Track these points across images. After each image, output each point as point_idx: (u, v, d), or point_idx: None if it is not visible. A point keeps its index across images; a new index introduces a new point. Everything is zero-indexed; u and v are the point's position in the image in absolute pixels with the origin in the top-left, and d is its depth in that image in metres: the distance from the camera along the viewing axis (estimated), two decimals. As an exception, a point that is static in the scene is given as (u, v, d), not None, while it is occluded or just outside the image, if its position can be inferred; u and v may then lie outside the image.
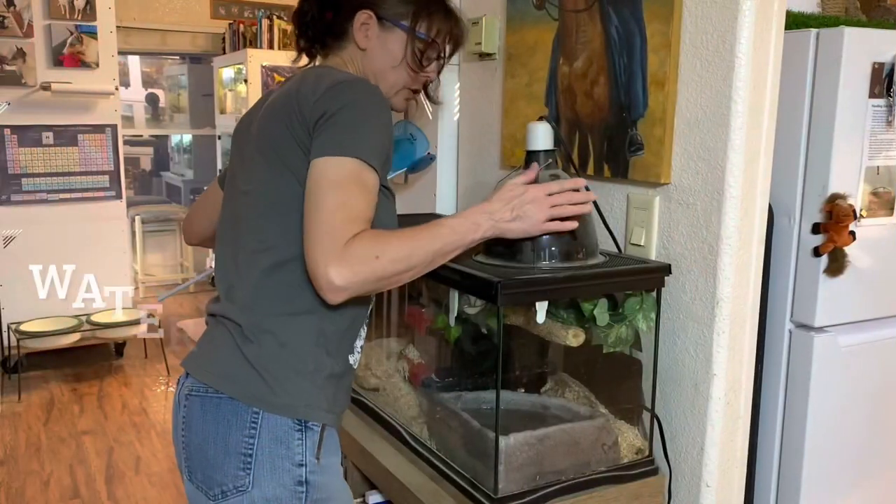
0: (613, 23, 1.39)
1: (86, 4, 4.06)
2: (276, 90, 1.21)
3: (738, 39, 1.20)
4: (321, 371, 1.12)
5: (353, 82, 1.10)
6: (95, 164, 4.24)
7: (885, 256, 1.61)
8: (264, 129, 1.14)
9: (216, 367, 1.12)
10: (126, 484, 2.96)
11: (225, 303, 1.15)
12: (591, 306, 1.27)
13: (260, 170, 1.12)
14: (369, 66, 1.23)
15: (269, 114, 1.15)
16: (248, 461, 1.07)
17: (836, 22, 1.61)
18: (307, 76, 1.14)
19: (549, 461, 1.26)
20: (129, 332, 4.25)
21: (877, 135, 1.53)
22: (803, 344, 1.56)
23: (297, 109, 1.08)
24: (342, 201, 1.00)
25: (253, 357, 1.09)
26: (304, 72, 1.18)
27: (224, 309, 1.14)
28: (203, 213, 1.39)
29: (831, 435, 1.60)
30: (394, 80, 1.24)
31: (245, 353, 1.09)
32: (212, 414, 1.10)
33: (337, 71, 1.17)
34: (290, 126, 1.08)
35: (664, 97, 1.30)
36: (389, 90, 1.24)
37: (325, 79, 1.10)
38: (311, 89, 1.09)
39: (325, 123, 1.05)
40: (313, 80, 1.11)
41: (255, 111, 1.23)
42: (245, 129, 1.22)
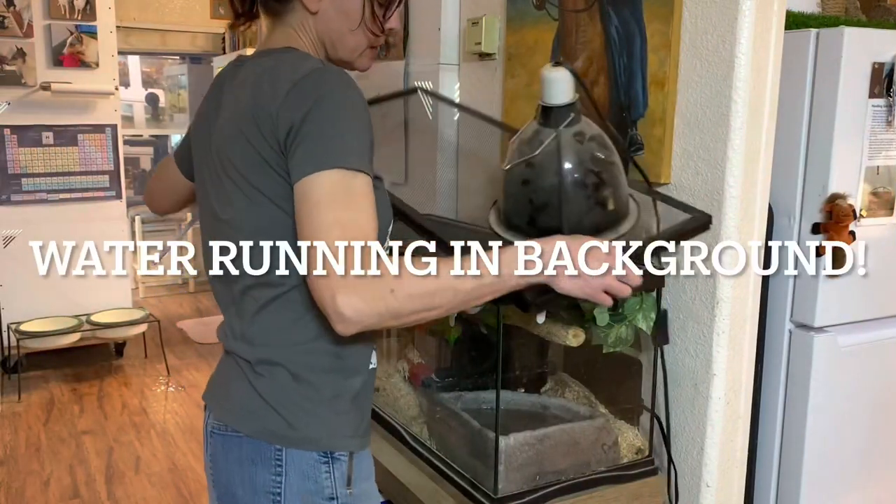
0: (613, 23, 1.39)
1: (86, 4, 4.06)
2: (228, 85, 1.07)
3: (738, 39, 1.20)
4: (342, 396, 1.05)
5: (312, 76, 0.96)
6: (95, 164, 4.24)
7: (885, 256, 1.61)
8: (226, 151, 1.02)
9: (232, 406, 1.06)
10: (126, 484, 2.96)
11: (230, 338, 1.08)
12: (591, 306, 1.27)
13: (235, 198, 1.01)
14: (324, 30, 1.07)
15: (228, 131, 1.02)
16: (278, 500, 1.02)
17: (836, 22, 1.61)
18: (260, 76, 1.00)
19: (549, 461, 1.26)
20: (129, 332, 4.25)
21: (877, 135, 1.53)
22: (803, 344, 1.56)
23: (258, 126, 0.96)
24: (335, 219, 0.89)
25: (267, 393, 1.02)
26: (254, 63, 1.05)
27: (231, 344, 1.08)
28: (163, 194, 1.32)
29: (831, 435, 1.60)
30: (355, 43, 1.09)
31: (258, 390, 1.02)
32: (235, 454, 1.04)
33: (289, 56, 1.02)
34: (257, 147, 0.97)
35: (664, 97, 1.30)
36: (351, 54, 1.10)
37: (281, 79, 0.97)
38: (268, 97, 0.96)
39: (295, 139, 0.93)
40: (268, 82, 0.98)
41: (211, 114, 1.09)
42: (204, 137, 1.10)
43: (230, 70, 1.09)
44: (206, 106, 1.12)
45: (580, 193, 1.11)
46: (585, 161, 1.11)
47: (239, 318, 1.06)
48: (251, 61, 1.06)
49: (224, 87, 1.08)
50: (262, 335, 1.03)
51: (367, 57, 1.12)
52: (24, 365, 3.99)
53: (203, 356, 4.45)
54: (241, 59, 1.09)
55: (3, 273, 3.98)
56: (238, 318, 1.06)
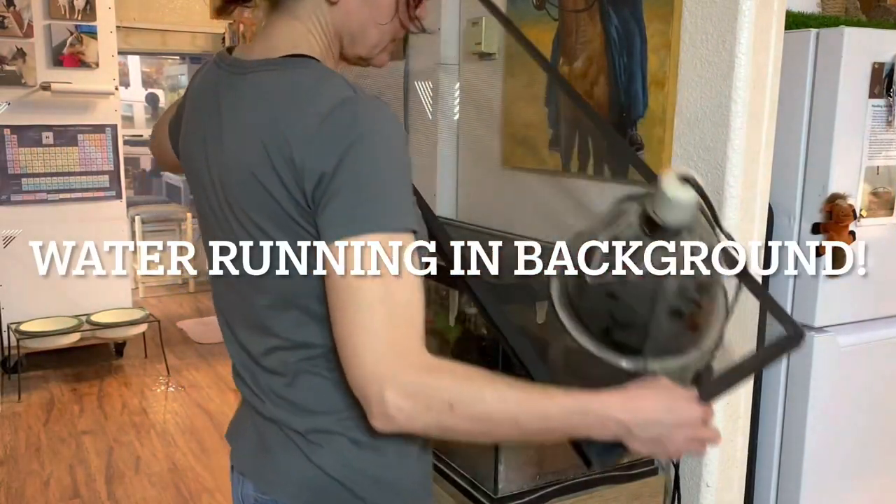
0: (613, 23, 1.39)
1: (86, 4, 4.06)
2: (228, 99, 0.88)
3: (738, 39, 1.20)
4: (408, 455, 0.92)
5: (344, 110, 0.79)
6: (95, 164, 4.24)
7: (885, 256, 1.61)
8: (235, 194, 0.85)
9: (284, 480, 0.91)
10: (126, 484, 2.96)
11: (265, 402, 0.93)
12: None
13: (252, 250, 0.86)
14: (342, 23, 0.90)
15: (236, 171, 0.84)
16: None
17: (836, 22, 1.61)
18: (273, 102, 0.83)
19: (549, 461, 1.26)
20: (129, 331, 4.25)
21: (877, 135, 1.53)
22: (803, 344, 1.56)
23: (278, 173, 0.80)
24: (382, 297, 0.75)
25: (328, 466, 0.88)
26: (258, 77, 0.86)
27: (269, 411, 0.92)
28: (164, 155, 1.18)
29: (831, 435, 1.60)
30: (378, 38, 0.93)
31: (317, 463, 0.89)
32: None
33: (308, 76, 0.84)
34: (278, 198, 0.80)
35: (664, 97, 1.30)
36: (372, 50, 0.94)
37: (304, 111, 0.80)
38: (289, 137, 0.79)
39: (326, 191, 0.77)
40: (285, 113, 0.81)
41: (209, 133, 0.90)
42: (199, 156, 0.92)
43: (226, 79, 0.90)
44: (200, 119, 0.93)
45: (674, 324, 0.95)
46: (689, 290, 0.97)
47: (271, 379, 0.91)
48: (255, 73, 0.87)
49: (222, 100, 0.89)
50: (309, 401, 0.89)
51: (387, 52, 0.98)
52: (24, 365, 3.99)
53: (203, 356, 4.44)
54: (238, 65, 0.89)
55: (3, 273, 3.98)
56: (270, 377, 0.92)
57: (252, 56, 0.89)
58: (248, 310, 0.91)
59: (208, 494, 2.87)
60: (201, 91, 0.95)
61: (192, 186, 0.97)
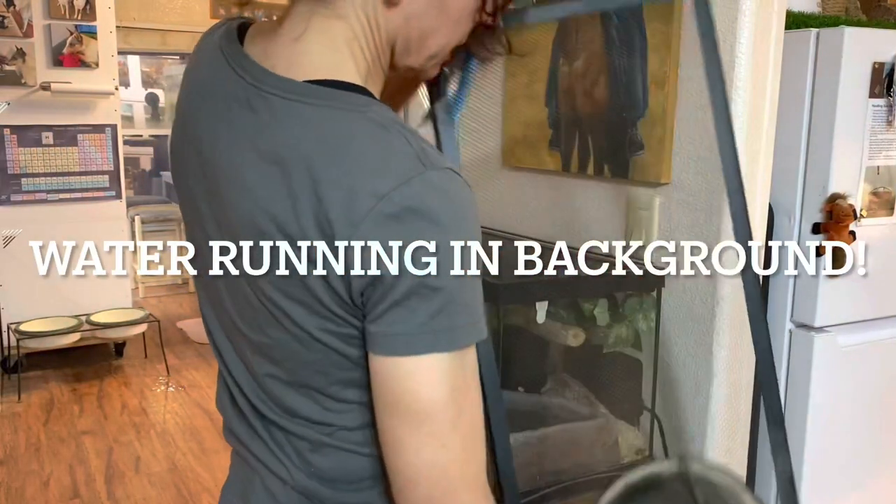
0: (613, 22, 1.39)
1: (85, 4, 4.06)
2: (241, 118, 0.68)
3: (738, 39, 1.20)
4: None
5: (411, 191, 0.62)
6: (95, 164, 4.24)
7: (885, 256, 1.61)
8: (255, 284, 0.69)
9: None
10: (126, 484, 2.96)
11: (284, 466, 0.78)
12: (591, 306, 1.27)
13: (275, 332, 0.70)
14: (400, 30, 0.72)
15: (244, 214, 0.67)
16: None
17: (836, 22, 1.61)
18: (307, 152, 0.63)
19: (549, 461, 1.26)
20: (129, 332, 4.25)
21: (877, 134, 1.53)
22: (803, 344, 1.56)
23: (311, 256, 0.63)
24: (454, 426, 0.65)
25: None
26: (283, 100, 0.66)
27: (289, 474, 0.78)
28: None
29: (831, 435, 1.60)
30: (440, 45, 0.75)
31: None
32: None
33: (357, 124, 0.65)
34: (309, 284, 0.65)
35: (664, 97, 1.30)
36: (429, 60, 0.76)
37: (360, 177, 0.62)
38: (337, 209, 0.62)
39: (389, 295, 0.63)
40: (334, 171, 0.62)
41: (219, 153, 0.70)
42: (197, 176, 0.74)
43: (241, 89, 0.69)
44: (199, 123, 0.74)
45: None
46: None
47: (283, 453, 0.78)
48: (283, 101, 0.66)
49: (234, 119, 0.69)
50: (341, 473, 0.76)
51: (441, 62, 0.80)
52: (23, 365, 3.99)
53: (203, 356, 4.44)
54: (259, 77, 0.68)
55: (3, 273, 3.98)
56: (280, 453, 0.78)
57: (274, 62, 0.69)
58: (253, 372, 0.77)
59: (208, 494, 2.87)
60: (206, 86, 0.75)
61: (179, 189, 0.80)
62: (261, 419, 0.78)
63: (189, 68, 0.79)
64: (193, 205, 0.77)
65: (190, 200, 0.77)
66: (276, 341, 0.71)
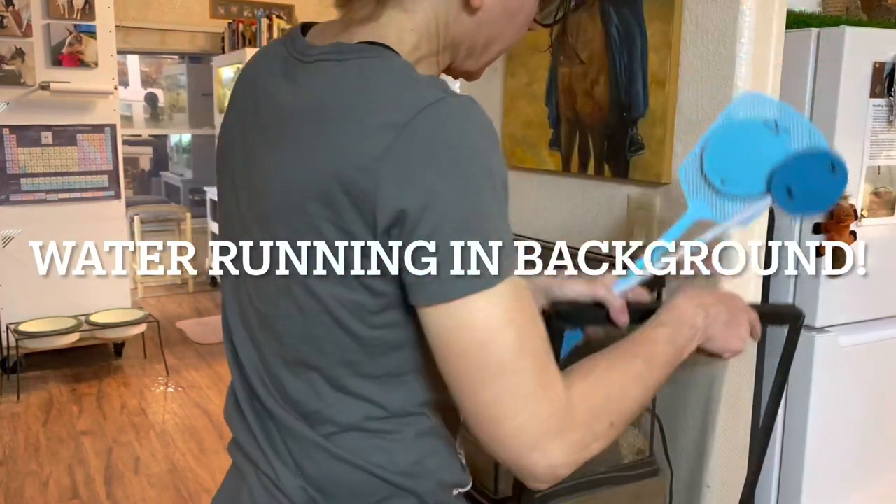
0: (614, 22, 1.39)
1: (85, 4, 4.05)
2: (281, 89, 0.71)
3: (738, 39, 1.20)
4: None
5: (428, 117, 0.61)
6: (94, 164, 4.24)
7: (886, 256, 1.61)
8: (277, 221, 0.69)
9: None
10: (125, 484, 2.96)
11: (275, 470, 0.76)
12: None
13: (283, 302, 0.71)
14: (470, 34, 0.74)
15: (283, 194, 0.67)
16: None
17: (836, 21, 1.61)
18: (334, 103, 0.65)
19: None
20: (129, 332, 4.25)
21: (878, 134, 1.53)
22: (803, 344, 1.56)
23: (335, 207, 0.63)
24: (517, 351, 0.63)
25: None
26: (318, 66, 0.68)
27: (280, 480, 0.75)
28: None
29: (831, 435, 1.60)
30: (500, 48, 0.79)
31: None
32: None
33: (379, 67, 0.66)
34: (331, 243, 0.64)
35: (664, 97, 1.30)
36: (484, 66, 0.81)
37: (378, 112, 0.62)
38: (356, 147, 0.62)
39: (416, 233, 0.61)
40: (354, 112, 0.63)
41: (258, 131, 0.73)
42: (242, 176, 0.75)
43: (289, 67, 0.71)
44: (248, 109, 0.76)
45: None
46: None
47: (275, 454, 0.76)
48: (317, 63, 0.69)
49: (276, 93, 0.71)
50: (330, 486, 0.74)
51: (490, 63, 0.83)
52: (23, 365, 3.99)
53: (202, 356, 4.44)
54: (306, 51, 0.71)
55: (3, 273, 3.98)
56: (273, 454, 0.76)
57: (326, 39, 0.71)
58: (260, 352, 0.76)
59: (208, 495, 2.86)
60: (261, 73, 0.76)
61: (223, 187, 0.80)
62: (260, 415, 0.77)
63: (249, 67, 0.80)
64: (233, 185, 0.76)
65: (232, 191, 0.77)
66: (281, 310, 0.70)
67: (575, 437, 0.66)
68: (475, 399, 0.64)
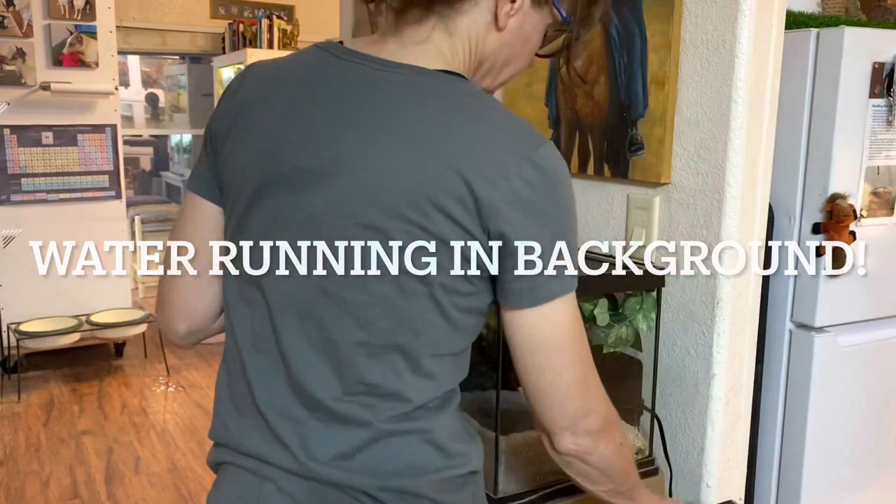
0: (613, 22, 1.39)
1: (85, 4, 4.06)
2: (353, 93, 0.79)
3: (738, 39, 1.20)
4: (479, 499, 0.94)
5: (546, 158, 0.77)
6: (95, 164, 4.24)
7: (885, 256, 1.61)
8: (381, 234, 0.75)
9: None
10: (126, 484, 2.96)
11: (317, 462, 0.80)
12: (591, 306, 1.27)
13: (382, 288, 0.76)
14: (493, 52, 0.85)
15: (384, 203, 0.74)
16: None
17: (836, 22, 1.61)
18: (449, 115, 0.76)
19: (549, 461, 1.25)
20: (129, 332, 4.25)
21: (877, 134, 1.53)
22: (803, 344, 1.56)
23: (444, 206, 0.73)
24: (584, 345, 0.84)
25: None
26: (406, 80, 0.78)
27: (323, 471, 0.80)
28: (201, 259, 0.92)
29: (831, 435, 1.60)
30: (512, 72, 0.91)
31: None
32: None
33: (488, 105, 0.80)
34: (451, 249, 0.75)
35: (664, 97, 1.30)
36: (501, 83, 0.92)
37: (492, 148, 0.75)
38: (472, 171, 0.73)
39: (528, 248, 0.76)
40: (468, 140, 0.74)
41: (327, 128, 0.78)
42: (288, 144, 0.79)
43: (369, 73, 0.79)
44: (310, 108, 0.80)
45: None
46: None
47: (334, 431, 0.81)
48: (405, 72, 0.79)
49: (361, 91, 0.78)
50: (388, 464, 0.81)
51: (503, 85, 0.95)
52: (23, 365, 3.99)
53: (203, 356, 4.44)
54: (378, 62, 0.80)
55: (3, 273, 3.98)
56: (331, 430, 0.81)
57: (388, 57, 0.80)
58: (331, 342, 0.79)
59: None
60: (310, 75, 0.82)
61: (260, 183, 0.81)
62: (296, 415, 0.81)
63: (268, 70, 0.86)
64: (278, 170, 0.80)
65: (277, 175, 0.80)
66: (378, 298, 0.77)
67: (608, 420, 0.88)
68: (545, 378, 0.82)
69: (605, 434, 0.87)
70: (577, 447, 0.86)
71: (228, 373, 0.88)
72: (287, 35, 5.45)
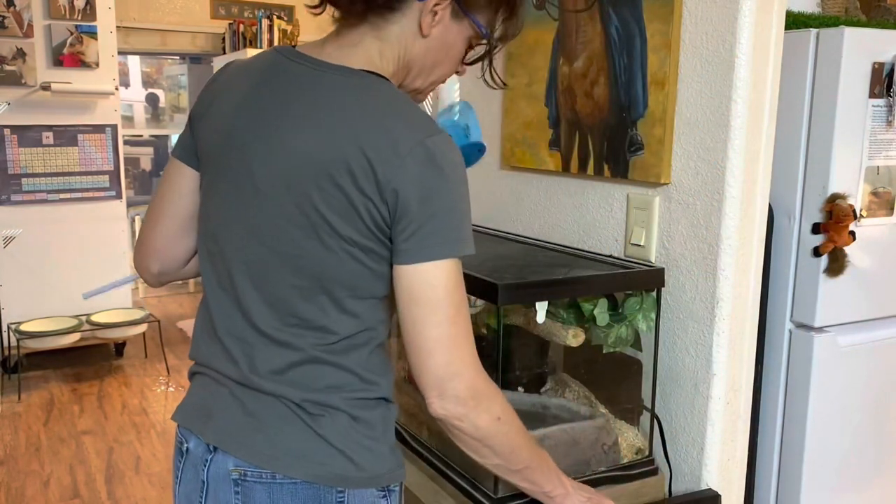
0: (613, 23, 1.39)
1: (86, 4, 4.06)
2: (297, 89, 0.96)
3: (738, 39, 1.20)
4: (388, 428, 1.04)
5: (437, 142, 0.91)
6: (95, 164, 4.24)
7: (885, 256, 1.61)
8: (305, 183, 0.92)
9: (280, 451, 0.98)
10: (126, 484, 2.96)
11: (261, 377, 0.99)
12: (591, 306, 1.27)
13: (309, 244, 0.93)
14: (420, 55, 1.00)
15: (309, 156, 0.91)
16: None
17: (836, 22, 1.61)
18: (359, 112, 0.92)
19: (549, 461, 1.25)
20: (129, 332, 4.25)
21: (877, 135, 1.53)
22: (803, 344, 1.56)
23: (357, 181, 0.89)
24: (459, 310, 0.92)
25: (330, 436, 0.97)
26: (335, 79, 0.95)
27: (266, 385, 0.99)
28: (176, 213, 1.09)
29: (831, 435, 1.60)
30: (440, 75, 1.05)
31: (319, 433, 0.97)
32: (286, 501, 0.98)
33: (393, 97, 0.95)
34: (354, 202, 0.90)
35: (664, 97, 1.30)
36: (430, 87, 1.07)
37: (396, 133, 0.90)
38: (376, 153, 0.89)
39: (416, 215, 0.89)
40: (374, 129, 0.90)
41: (271, 115, 0.96)
42: (250, 136, 0.97)
43: (306, 72, 0.97)
44: (262, 96, 0.98)
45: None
46: None
47: (274, 352, 0.99)
48: (334, 76, 0.95)
49: (302, 89, 0.96)
50: (318, 380, 0.98)
51: (434, 88, 1.10)
52: (24, 365, 3.99)
53: (203, 356, 4.44)
54: (318, 64, 0.97)
55: (3, 273, 3.98)
56: (273, 352, 0.99)
57: (325, 58, 0.97)
58: (271, 285, 0.97)
59: (208, 494, 2.86)
60: (263, 71, 1.01)
61: (220, 157, 1.01)
62: (247, 339, 0.99)
63: (240, 67, 1.06)
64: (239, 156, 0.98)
65: (238, 161, 0.98)
66: (306, 251, 0.93)
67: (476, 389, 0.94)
68: (418, 333, 0.92)
69: (475, 403, 0.94)
70: (445, 412, 0.94)
71: (203, 307, 1.08)
72: (287, 35, 5.45)
